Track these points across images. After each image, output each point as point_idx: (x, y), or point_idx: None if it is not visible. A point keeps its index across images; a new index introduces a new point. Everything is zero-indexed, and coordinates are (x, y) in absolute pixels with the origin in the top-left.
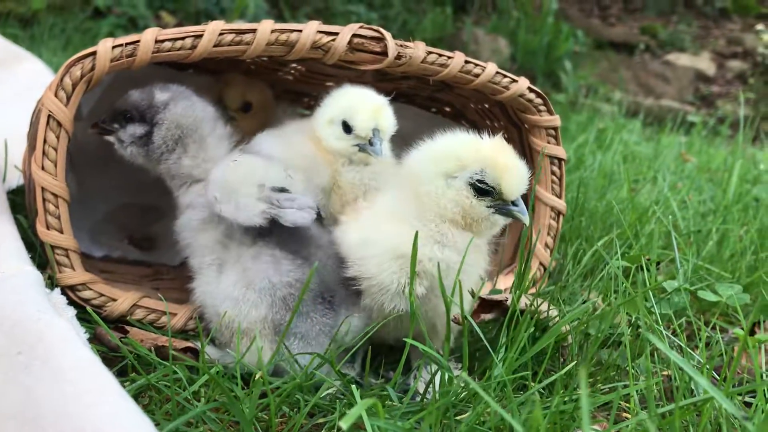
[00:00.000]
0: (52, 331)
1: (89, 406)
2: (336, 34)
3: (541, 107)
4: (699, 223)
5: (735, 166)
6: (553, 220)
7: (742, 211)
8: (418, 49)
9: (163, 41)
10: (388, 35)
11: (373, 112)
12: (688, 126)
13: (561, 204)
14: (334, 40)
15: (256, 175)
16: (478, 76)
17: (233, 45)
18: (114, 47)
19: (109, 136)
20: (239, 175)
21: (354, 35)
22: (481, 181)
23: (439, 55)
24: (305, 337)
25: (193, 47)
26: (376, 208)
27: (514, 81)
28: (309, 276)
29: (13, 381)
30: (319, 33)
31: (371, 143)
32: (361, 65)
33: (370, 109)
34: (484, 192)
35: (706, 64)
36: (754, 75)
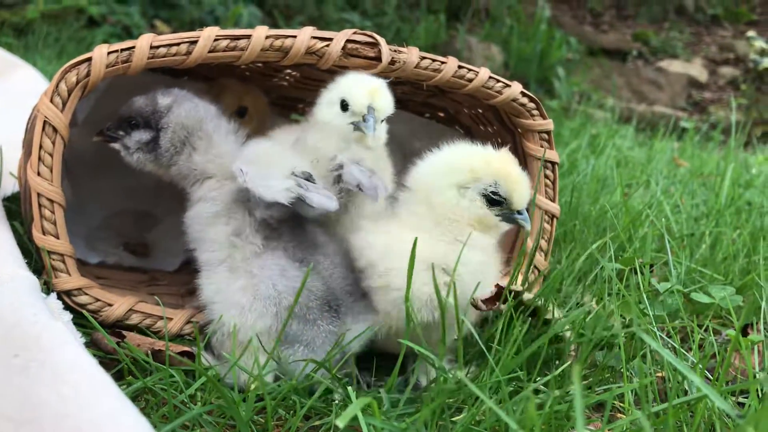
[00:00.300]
0: (48, 333)
1: (87, 407)
2: (330, 39)
3: (534, 111)
4: (692, 227)
5: (727, 171)
6: (547, 223)
7: (734, 215)
8: (411, 54)
9: (158, 47)
10: (382, 40)
11: (369, 91)
12: (681, 131)
13: (555, 207)
14: (328, 46)
15: (287, 159)
16: (471, 80)
17: (228, 51)
18: (109, 53)
19: (115, 143)
20: (272, 154)
21: (348, 40)
22: (495, 193)
23: (433, 60)
24: (311, 344)
25: (188, 53)
26: (396, 218)
27: (507, 86)
28: (304, 278)
29: (11, 383)
30: (314, 38)
31: (365, 120)
32: (356, 70)
33: (366, 87)
34: (496, 202)
35: (698, 71)
36: (746, 81)
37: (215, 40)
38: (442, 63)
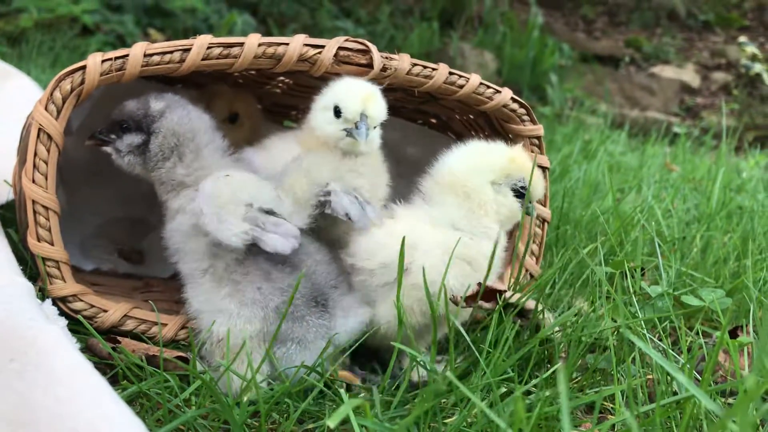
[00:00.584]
0: (44, 337)
1: (83, 408)
2: (322, 46)
3: (525, 117)
4: (683, 231)
5: (718, 175)
6: (538, 227)
7: (725, 219)
8: (403, 61)
9: (151, 55)
10: (374, 47)
11: (362, 98)
12: (673, 137)
13: (546, 212)
14: (320, 53)
15: (245, 193)
16: (462, 87)
17: (221, 58)
18: (103, 61)
19: (107, 147)
20: (228, 191)
21: (340, 48)
22: (523, 187)
23: (424, 66)
24: (302, 341)
25: (181, 61)
26: (412, 215)
27: (497, 92)
28: (297, 282)
29: (7, 386)
30: (306, 46)
31: (357, 127)
32: (349, 77)
33: (359, 94)
34: (521, 196)
35: (690, 76)
36: (738, 86)
37: (208, 47)
38: (434, 69)
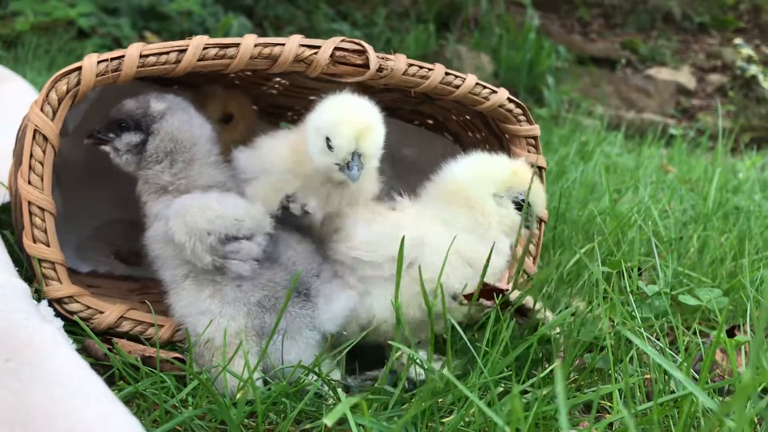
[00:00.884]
0: (40, 336)
1: (79, 408)
2: (318, 47)
3: (521, 117)
4: (680, 231)
5: (715, 176)
6: (536, 228)
7: (722, 219)
8: (399, 62)
9: (147, 56)
10: (370, 48)
11: (355, 134)
12: (669, 138)
13: (543, 212)
14: (316, 53)
15: (204, 222)
16: (458, 87)
17: (217, 59)
18: (99, 62)
19: (105, 145)
20: (190, 222)
21: (336, 48)
22: (524, 200)
23: (420, 67)
24: (288, 332)
25: (177, 61)
26: (421, 211)
27: (493, 92)
28: (292, 284)
29: (3, 386)
30: (302, 46)
31: (349, 167)
32: (344, 78)
33: (352, 130)
34: (521, 208)
35: (686, 78)
36: (734, 88)
37: (204, 48)
38: (430, 70)
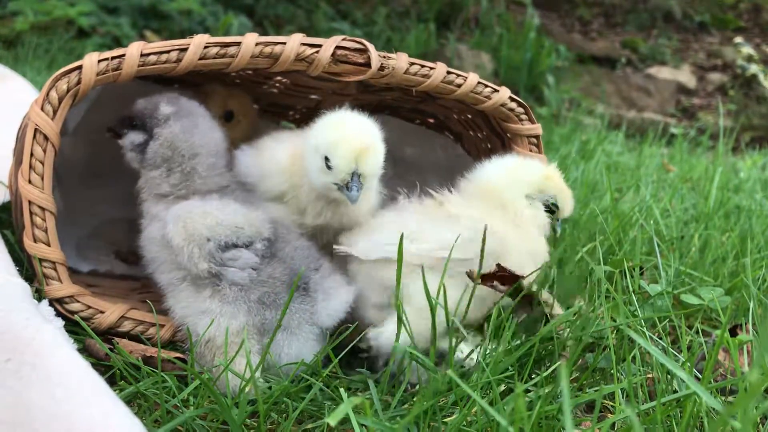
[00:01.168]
0: (41, 336)
1: (80, 408)
2: (319, 46)
3: (523, 116)
4: (681, 230)
5: (716, 175)
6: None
7: (723, 218)
8: (400, 60)
9: (148, 55)
10: (371, 47)
11: (354, 154)
12: (670, 137)
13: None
14: (317, 52)
15: (204, 229)
16: (460, 86)
17: (218, 58)
18: (100, 61)
19: (119, 140)
20: (190, 228)
21: (337, 47)
22: (555, 204)
23: (422, 66)
24: (288, 328)
25: (178, 60)
26: (453, 211)
27: (495, 91)
28: (296, 281)
29: (3, 386)
30: (303, 45)
31: (348, 188)
32: (345, 77)
33: (351, 150)
34: (552, 211)
35: (686, 77)
36: (734, 87)
37: (205, 47)
38: (431, 69)
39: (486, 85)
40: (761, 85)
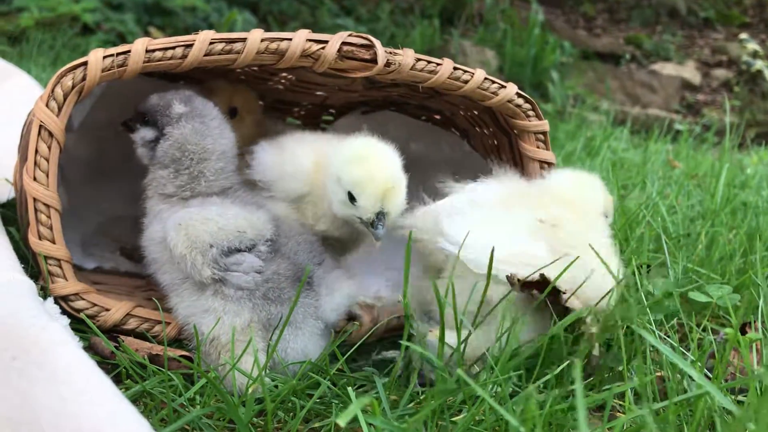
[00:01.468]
0: (47, 335)
1: (86, 406)
2: (326, 42)
3: (530, 112)
4: (688, 227)
5: (722, 172)
6: None
7: (730, 215)
8: (407, 56)
9: (153, 51)
10: (378, 43)
11: (381, 194)
12: (675, 134)
13: None
14: (323, 48)
15: (206, 235)
16: (467, 82)
17: (224, 54)
18: (105, 57)
19: (131, 134)
20: (192, 235)
21: (343, 43)
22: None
23: (428, 62)
24: (293, 322)
25: (183, 56)
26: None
27: (502, 86)
28: (304, 277)
29: (9, 385)
30: (309, 41)
31: (374, 226)
32: (351, 73)
33: (378, 190)
34: None
35: (691, 73)
36: (739, 83)
37: (211, 43)
38: (438, 65)
39: (493, 81)
40: (766, 81)
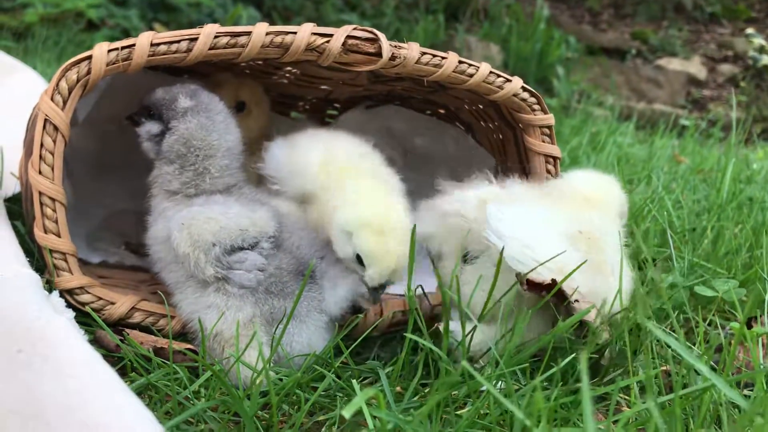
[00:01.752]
0: (52, 328)
1: (92, 400)
2: (330, 35)
3: (535, 106)
4: (694, 222)
5: (728, 167)
6: None
7: (736, 210)
8: (412, 50)
9: (158, 44)
10: (382, 36)
11: (390, 268)
12: (681, 129)
13: None
14: (328, 42)
15: (209, 234)
16: (472, 76)
17: (228, 48)
18: (110, 51)
19: (137, 128)
20: (195, 234)
21: (348, 36)
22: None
23: (433, 55)
24: (297, 316)
25: (188, 50)
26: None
27: (507, 80)
28: (308, 272)
29: (15, 378)
30: (314, 35)
31: (375, 291)
32: (356, 67)
33: (391, 266)
34: None
35: (697, 68)
36: (745, 78)
37: (215, 37)
38: (443, 58)
39: (498, 75)
40: None
